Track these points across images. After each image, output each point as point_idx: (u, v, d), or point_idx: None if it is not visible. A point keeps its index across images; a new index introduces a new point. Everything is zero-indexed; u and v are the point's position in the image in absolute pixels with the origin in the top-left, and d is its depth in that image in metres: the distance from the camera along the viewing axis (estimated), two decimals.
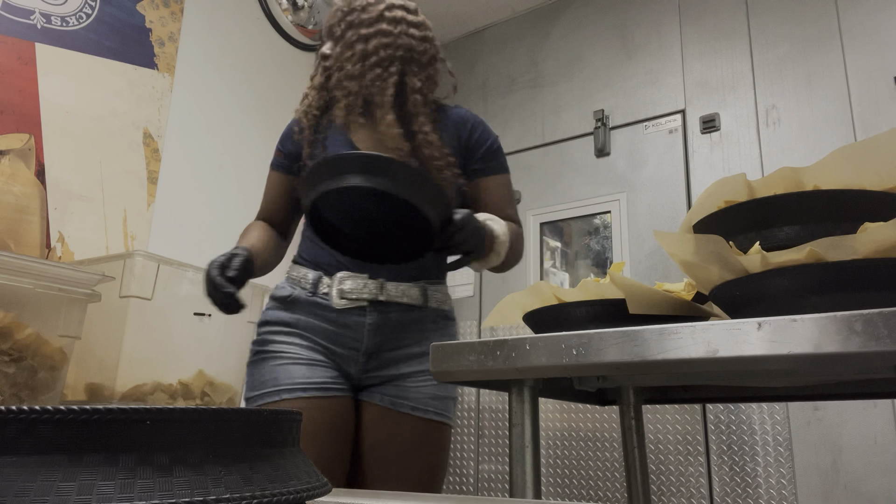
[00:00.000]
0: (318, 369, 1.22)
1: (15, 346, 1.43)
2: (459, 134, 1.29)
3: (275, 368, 1.22)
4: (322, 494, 0.41)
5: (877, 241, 0.72)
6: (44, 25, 2.19)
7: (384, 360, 1.25)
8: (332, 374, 1.23)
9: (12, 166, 2.03)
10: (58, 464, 0.32)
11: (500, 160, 1.31)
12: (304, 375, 1.20)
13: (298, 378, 1.20)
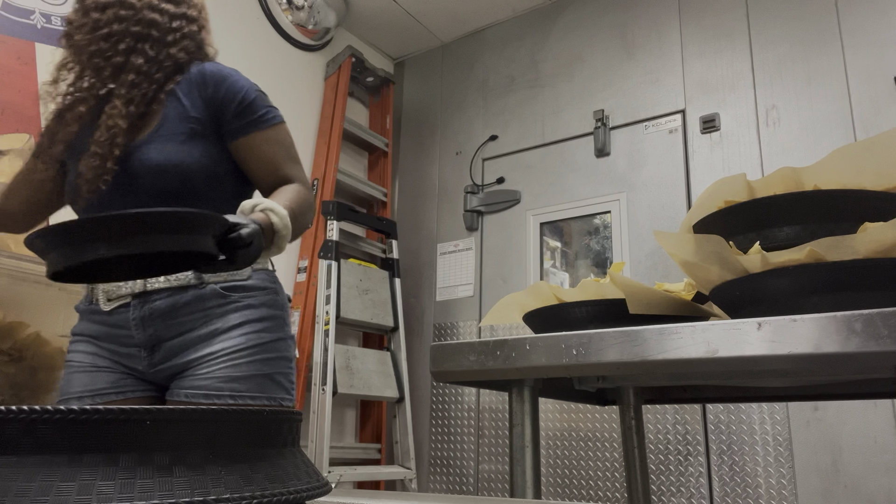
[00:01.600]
0: (99, 375, 1.20)
1: (15, 346, 1.43)
2: (201, 95, 1.18)
3: (66, 377, 1.23)
4: (322, 494, 0.41)
5: (877, 241, 0.72)
6: (44, 25, 2.19)
7: (168, 351, 1.17)
8: (115, 378, 1.20)
9: (12, 166, 2.03)
10: (58, 464, 0.32)
11: (260, 113, 1.18)
12: (83, 384, 1.20)
13: (77, 387, 1.20)
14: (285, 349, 1.21)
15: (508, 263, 3.10)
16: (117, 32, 1.16)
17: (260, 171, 1.18)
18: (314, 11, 3.19)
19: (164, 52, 1.20)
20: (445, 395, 3.12)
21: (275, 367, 1.18)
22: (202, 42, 1.32)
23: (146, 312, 1.16)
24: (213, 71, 1.23)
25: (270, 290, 1.23)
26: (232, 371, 1.14)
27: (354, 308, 2.95)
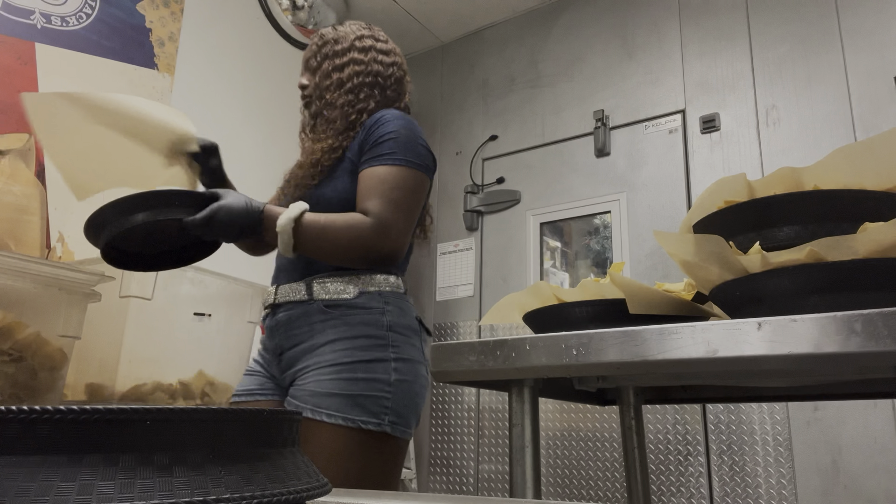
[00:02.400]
0: (254, 377, 1.35)
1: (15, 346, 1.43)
2: (362, 135, 1.30)
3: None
4: (322, 494, 0.41)
5: (877, 241, 0.72)
6: (44, 25, 2.19)
7: (288, 360, 1.27)
8: (259, 381, 1.33)
9: (12, 166, 2.03)
10: (58, 464, 0.32)
11: (380, 153, 1.24)
12: (243, 384, 1.36)
13: (240, 387, 1.36)
14: (382, 371, 1.19)
15: (508, 263, 3.10)
16: (358, 85, 1.35)
17: (358, 198, 1.23)
18: (314, 11, 3.19)
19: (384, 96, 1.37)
20: (445, 395, 3.12)
21: (361, 389, 1.17)
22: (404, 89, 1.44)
23: (273, 323, 1.29)
24: (381, 115, 1.31)
25: (376, 310, 1.24)
26: (316, 386, 1.18)
27: None
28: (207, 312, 1.81)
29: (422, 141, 1.28)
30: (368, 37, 1.42)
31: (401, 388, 1.19)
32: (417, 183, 1.24)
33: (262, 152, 2.84)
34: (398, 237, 1.20)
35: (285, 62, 3.15)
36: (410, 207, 1.22)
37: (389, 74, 1.38)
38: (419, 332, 1.29)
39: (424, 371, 1.26)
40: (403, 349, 1.23)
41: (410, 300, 1.34)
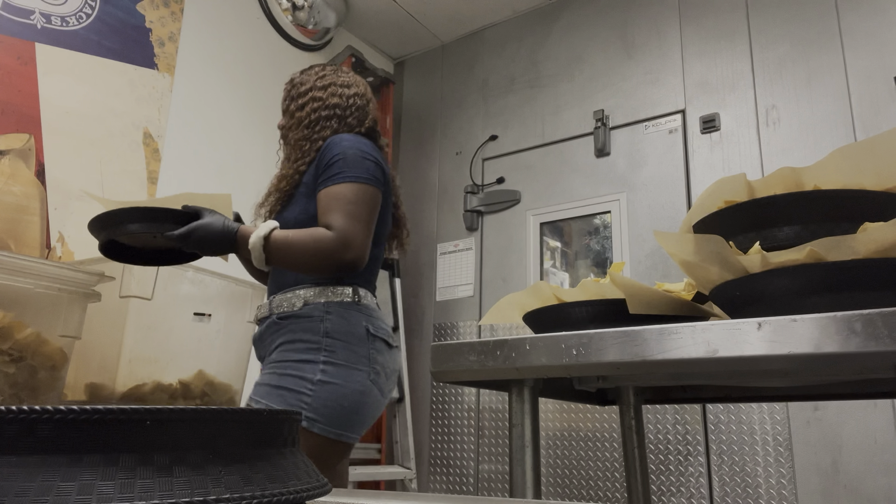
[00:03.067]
0: None
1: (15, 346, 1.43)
2: (317, 161, 1.44)
3: None
4: (322, 494, 0.41)
5: (877, 241, 0.72)
6: (44, 25, 2.19)
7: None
8: None
9: (12, 166, 2.03)
10: (58, 464, 0.32)
11: (333, 173, 1.37)
12: None
13: None
14: (309, 371, 1.31)
15: (508, 263, 3.10)
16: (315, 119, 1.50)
17: (319, 219, 1.36)
18: (314, 11, 3.19)
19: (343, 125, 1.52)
20: (445, 395, 3.12)
21: (286, 383, 1.31)
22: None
23: (256, 336, 1.47)
24: (333, 139, 1.44)
25: (316, 318, 1.36)
26: (258, 380, 1.37)
27: None
28: (207, 312, 1.81)
29: (370, 157, 1.40)
30: (330, 74, 1.56)
31: (324, 388, 1.30)
32: (369, 196, 1.36)
33: (262, 152, 2.84)
34: (359, 246, 1.31)
35: (285, 62, 3.15)
36: (367, 219, 1.34)
37: (350, 105, 1.51)
38: (367, 340, 1.37)
39: (368, 377, 1.34)
40: (339, 354, 1.33)
41: (367, 310, 1.41)
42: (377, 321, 1.42)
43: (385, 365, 1.39)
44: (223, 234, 1.32)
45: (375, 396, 1.36)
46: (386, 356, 1.40)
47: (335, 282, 1.40)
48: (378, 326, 1.41)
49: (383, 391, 1.39)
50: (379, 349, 1.39)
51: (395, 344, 1.45)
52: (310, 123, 1.50)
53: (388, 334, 1.43)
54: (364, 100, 1.54)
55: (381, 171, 1.42)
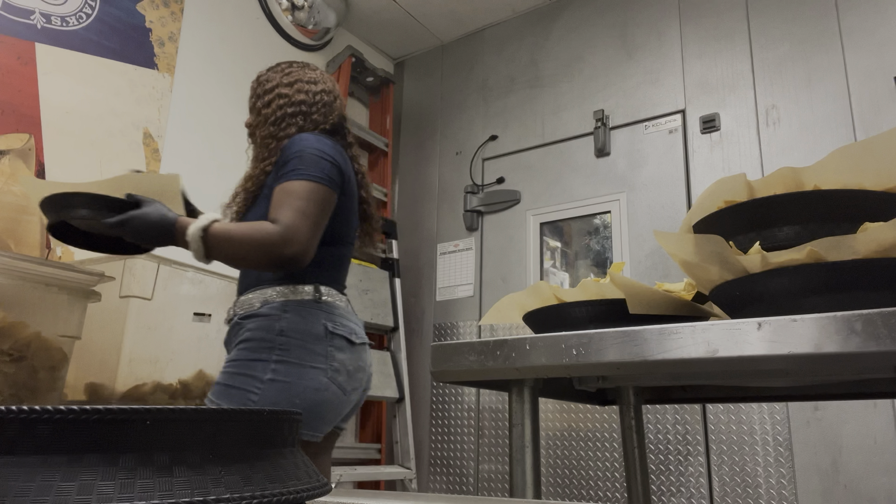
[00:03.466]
0: None
1: (15, 346, 1.43)
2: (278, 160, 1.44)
3: None
4: (322, 494, 0.41)
5: (877, 241, 0.72)
6: (44, 25, 2.19)
7: None
8: None
9: (12, 166, 2.03)
10: (58, 464, 0.32)
11: (288, 170, 1.36)
12: None
13: None
14: (259, 370, 1.30)
15: (508, 263, 3.10)
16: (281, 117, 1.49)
17: (269, 215, 1.35)
18: (314, 11, 3.19)
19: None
20: (445, 395, 3.12)
21: (235, 381, 1.31)
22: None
23: (225, 338, 1.46)
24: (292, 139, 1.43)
25: (273, 317, 1.35)
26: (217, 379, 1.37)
27: (354, 308, 2.95)
28: (207, 312, 1.81)
29: (327, 157, 1.38)
30: (297, 71, 1.55)
31: (273, 386, 1.29)
32: (321, 195, 1.34)
33: None
34: (302, 242, 1.29)
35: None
36: (315, 216, 1.32)
37: (316, 101, 1.50)
38: (325, 337, 1.35)
39: (325, 375, 1.33)
40: (293, 353, 1.32)
41: (328, 307, 1.40)
42: (339, 318, 1.40)
43: (346, 362, 1.38)
44: (160, 225, 1.29)
45: (334, 394, 1.35)
46: (347, 353, 1.39)
47: (296, 281, 1.39)
48: (339, 324, 1.39)
49: (345, 389, 1.37)
50: (339, 346, 1.37)
51: (358, 341, 1.43)
52: (276, 121, 1.48)
53: (350, 331, 1.41)
54: (331, 96, 1.53)
55: (339, 171, 1.40)
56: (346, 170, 1.44)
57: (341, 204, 1.44)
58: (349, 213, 1.47)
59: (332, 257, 1.45)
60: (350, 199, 1.47)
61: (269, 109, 1.50)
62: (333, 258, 1.45)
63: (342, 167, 1.42)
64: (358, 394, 1.44)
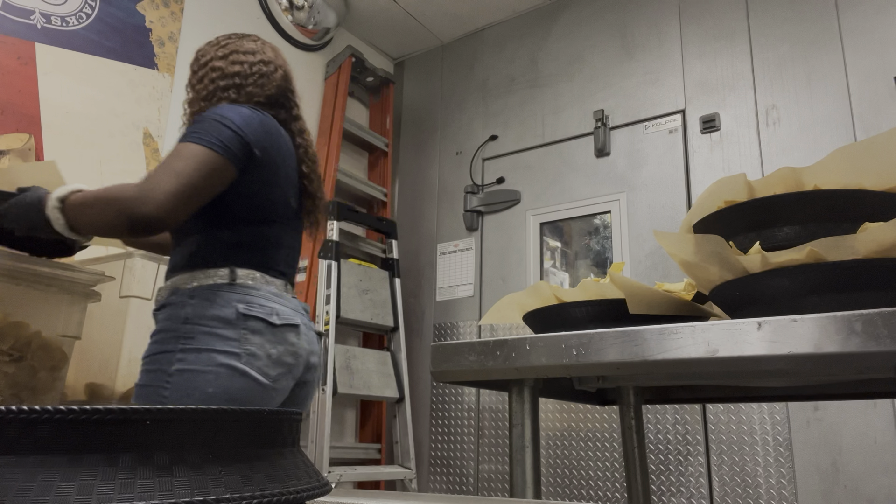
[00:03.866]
0: None
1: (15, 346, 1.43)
2: None
3: None
4: (322, 494, 0.41)
5: (877, 241, 0.72)
6: (44, 25, 2.19)
7: None
8: None
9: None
10: (58, 464, 0.32)
11: (185, 133, 1.28)
12: None
13: None
14: (165, 362, 1.22)
15: (508, 263, 3.10)
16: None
17: None
18: (314, 11, 3.19)
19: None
20: (445, 395, 3.12)
21: (147, 379, 1.24)
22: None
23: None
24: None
25: (178, 305, 1.27)
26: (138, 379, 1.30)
27: (354, 308, 2.95)
28: None
29: (231, 125, 1.27)
30: (233, 42, 1.46)
31: (182, 377, 1.21)
32: (205, 159, 1.23)
33: None
34: (161, 200, 1.16)
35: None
36: (189, 178, 1.20)
37: (253, 72, 1.41)
38: (237, 320, 1.25)
39: (239, 360, 1.23)
40: (199, 340, 1.23)
41: (244, 289, 1.29)
42: (257, 300, 1.29)
43: (265, 346, 1.27)
44: (34, 206, 1.21)
45: (253, 380, 1.25)
46: (267, 336, 1.28)
47: (209, 265, 1.30)
48: (255, 304, 1.28)
49: (267, 374, 1.27)
50: (255, 329, 1.26)
51: (280, 322, 1.31)
52: (207, 96, 1.40)
53: (269, 312, 1.29)
54: (270, 66, 1.44)
55: (241, 142, 1.28)
56: (262, 142, 1.32)
57: (258, 178, 1.32)
58: (270, 187, 1.35)
59: (255, 237, 1.34)
60: (272, 172, 1.34)
61: (202, 85, 1.42)
62: (257, 238, 1.34)
63: (251, 138, 1.30)
64: (289, 379, 1.34)
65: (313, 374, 1.47)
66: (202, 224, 1.33)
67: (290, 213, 1.43)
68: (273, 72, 1.44)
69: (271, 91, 1.43)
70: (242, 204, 1.32)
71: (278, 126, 1.40)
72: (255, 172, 1.32)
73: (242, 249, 1.32)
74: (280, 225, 1.39)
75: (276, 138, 1.37)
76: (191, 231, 1.34)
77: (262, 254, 1.35)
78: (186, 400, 1.20)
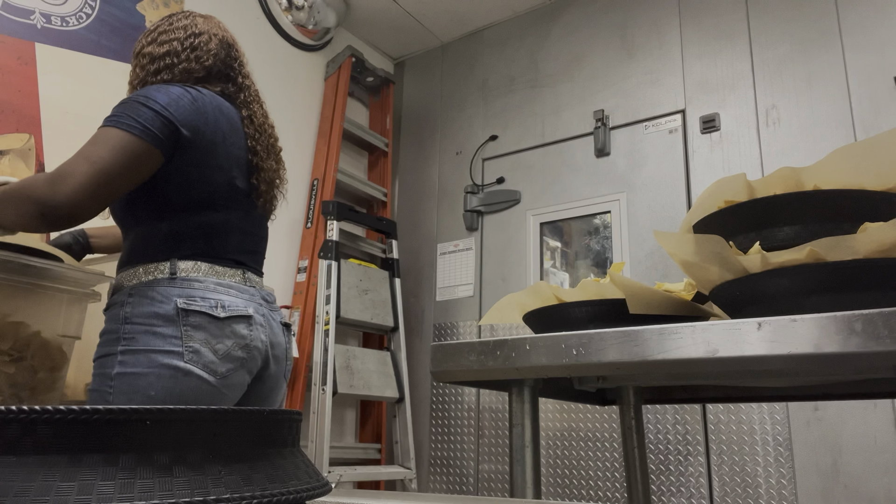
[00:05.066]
0: None
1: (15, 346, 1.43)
2: None
3: None
4: (322, 494, 0.41)
5: (877, 241, 0.72)
6: (44, 25, 2.19)
7: None
8: None
9: (12, 166, 2.03)
10: (58, 464, 0.32)
11: (106, 117, 1.22)
12: None
13: None
14: (109, 366, 1.17)
15: (508, 263, 3.10)
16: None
17: None
18: (314, 11, 3.19)
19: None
20: (445, 395, 3.12)
21: (94, 383, 1.20)
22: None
23: None
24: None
25: (118, 304, 1.22)
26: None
27: (354, 308, 2.95)
28: None
29: (154, 105, 1.20)
30: (163, 24, 1.36)
31: (123, 380, 1.15)
32: (120, 144, 1.16)
33: None
34: (74, 190, 1.10)
35: (285, 62, 3.15)
36: (104, 164, 1.13)
37: (184, 48, 1.32)
38: (177, 318, 1.18)
39: (181, 359, 1.16)
40: (139, 340, 1.17)
41: (185, 283, 1.22)
42: (199, 292, 1.21)
43: (210, 342, 1.19)
44: None
45: (199, 379, 1.17)
46: (211, 331, 1.19)
47: (149, 259, 1.23)
48: (196, 297, 1.20)
49: (214, 372, 1.19)
50: (196, 324, 1.18)
51: (225, 315, 1.21)
52: (139, 84, 1.32)
53: (213, 305, 1.21)
54: (203, 37, 1.34)
55: (164, 122, 1.19)
56: (193, 121, 1.23)
57: (190, 160, 1.23)
58: (207, 169, 1.26)
59: (198, 225, 1.25)
60: (207, 153, 1.25)
61: (134, 74, 1.34)
62: (200, 226, 1.25)
63: (178, 117, 1.21)
64: (243, 375, 1.25)
65: (278, 367, 1.36)
66: (142, 215, 1.26)
67: (240, 195, 1.32)
68: (207, 42, 1.34)
69: (208, 62, 1.33)
70: (177, 190, 1.24)
71: (218, 102, 1.30)
72: (187, 154, 1.23)
73: (184, 240, 1.24)
74: (227, 209, 1.29)
75: (211, 116, 1.27)
76: (131, 224, 1.28)
77: (207, 242, 1.26)
78: (130, 404, 1.15)
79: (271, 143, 1.41)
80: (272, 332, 1.33)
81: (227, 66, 1.37)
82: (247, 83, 1.40)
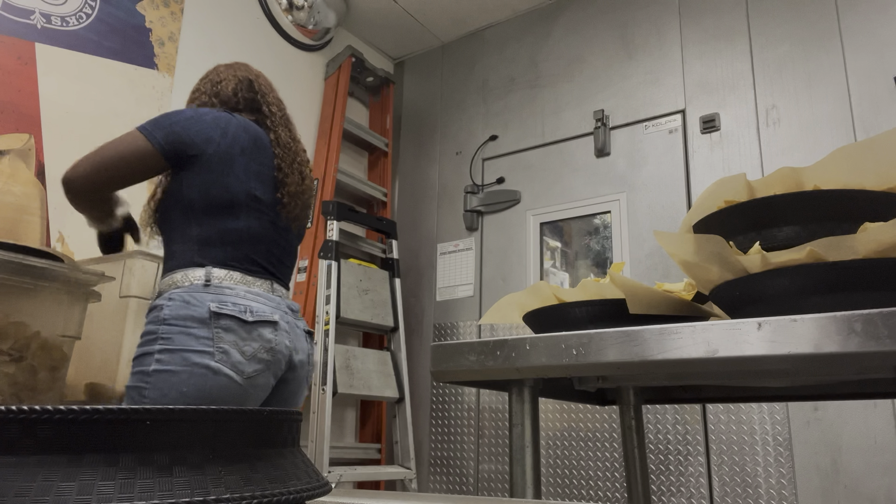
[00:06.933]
0: None
1: (15, 346, 1.43)
2: None
3: None
4: (322, 494, 0.41)
5: (877, 241, 0.72)
6: (44, 25, 2.19)
7: None
8: None
9: (12, 166, 2.03)
10: (58, 464, 0.32)
11: None
12: None
13: None
14: (146, 363, 1.28)
15: (508, 263, 3.10)
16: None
17: None
18: (314, 11, 3.19)
19: None
20: (445, 395, 3.12)
21: (132, 380, 1.30)
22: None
23: None
24: None
25: (158, 307, 1.33)
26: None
27: (354, 308, 2.95)
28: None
29: (177, 118, 1.41)
30: (211, 72, 1.63)
31: (160, 377, 1.26)
32: (128, 140, 1.37)
33: None
34: (76, 167, 1.35)
35: (285, 62, 3.15)
36: (107, 150, 1.36)
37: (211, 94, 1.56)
38: (210, 319, 1.29)
39: (212, 359, 1.27)
40: (175, 340, 1.28)
41: (218, 290, 1.33)
42: (230, 298, 1.32)
43: (238, 344, 1.30)
44: None
45: (228, 378, 1.28)
46: (240, 333, 1.30)
47: (186, 265, 1.36)
48: (226, 302, 1.32)
49: (242, 372, 1.30)
50: (227, 327, 1.30)
51: (252, 319, 1.33)
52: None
53: (242, 310, 1.32)
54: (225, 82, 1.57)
55: (171, 132, 1.38)
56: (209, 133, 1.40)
57: (207, 167, 1.39)
58: (224, 177, 1.40)
59: (224, 232, 1.39)
60: (224, 163, 1.40)
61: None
62: (226, 232, 1.39)
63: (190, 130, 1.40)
64: (268, 376, 1.36)
65: (300, 372, 1.48)
66: (175, 219, 1.42)
67: (263, 206, 1.45)
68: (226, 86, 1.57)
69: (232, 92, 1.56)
70: (198, 193, 1.39)
71: (245, 124, 1.48)
72: (203, 160, 1.39)
73: (214, 245, 1.38)
74: (249, 218, 1.42)
75: (232, 131, 1.44)
76: (167, 229, 1.44)
77: (237, 248, 1.40)
78: (164, 400, 1.24)
79: (298, 161, 1.56)
80: (296, 338, 1.45)
81: (251, 100, 1.57)
82: (272, 110, 1.57)
